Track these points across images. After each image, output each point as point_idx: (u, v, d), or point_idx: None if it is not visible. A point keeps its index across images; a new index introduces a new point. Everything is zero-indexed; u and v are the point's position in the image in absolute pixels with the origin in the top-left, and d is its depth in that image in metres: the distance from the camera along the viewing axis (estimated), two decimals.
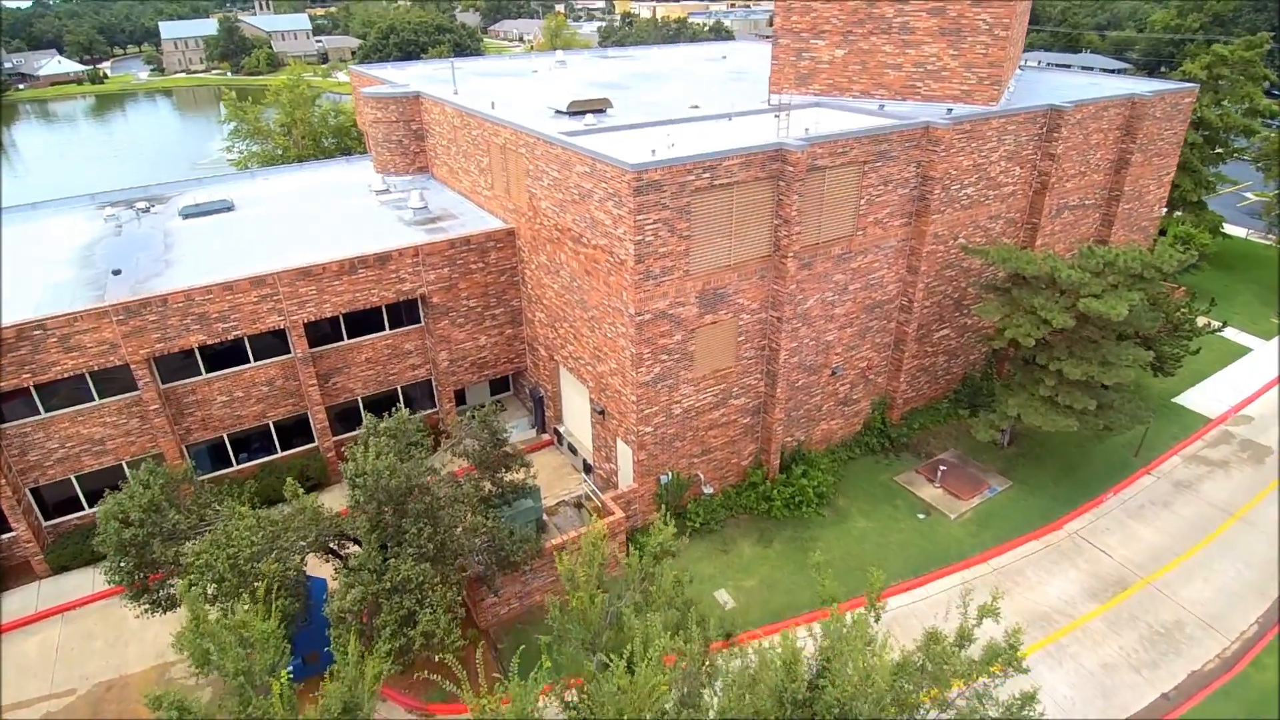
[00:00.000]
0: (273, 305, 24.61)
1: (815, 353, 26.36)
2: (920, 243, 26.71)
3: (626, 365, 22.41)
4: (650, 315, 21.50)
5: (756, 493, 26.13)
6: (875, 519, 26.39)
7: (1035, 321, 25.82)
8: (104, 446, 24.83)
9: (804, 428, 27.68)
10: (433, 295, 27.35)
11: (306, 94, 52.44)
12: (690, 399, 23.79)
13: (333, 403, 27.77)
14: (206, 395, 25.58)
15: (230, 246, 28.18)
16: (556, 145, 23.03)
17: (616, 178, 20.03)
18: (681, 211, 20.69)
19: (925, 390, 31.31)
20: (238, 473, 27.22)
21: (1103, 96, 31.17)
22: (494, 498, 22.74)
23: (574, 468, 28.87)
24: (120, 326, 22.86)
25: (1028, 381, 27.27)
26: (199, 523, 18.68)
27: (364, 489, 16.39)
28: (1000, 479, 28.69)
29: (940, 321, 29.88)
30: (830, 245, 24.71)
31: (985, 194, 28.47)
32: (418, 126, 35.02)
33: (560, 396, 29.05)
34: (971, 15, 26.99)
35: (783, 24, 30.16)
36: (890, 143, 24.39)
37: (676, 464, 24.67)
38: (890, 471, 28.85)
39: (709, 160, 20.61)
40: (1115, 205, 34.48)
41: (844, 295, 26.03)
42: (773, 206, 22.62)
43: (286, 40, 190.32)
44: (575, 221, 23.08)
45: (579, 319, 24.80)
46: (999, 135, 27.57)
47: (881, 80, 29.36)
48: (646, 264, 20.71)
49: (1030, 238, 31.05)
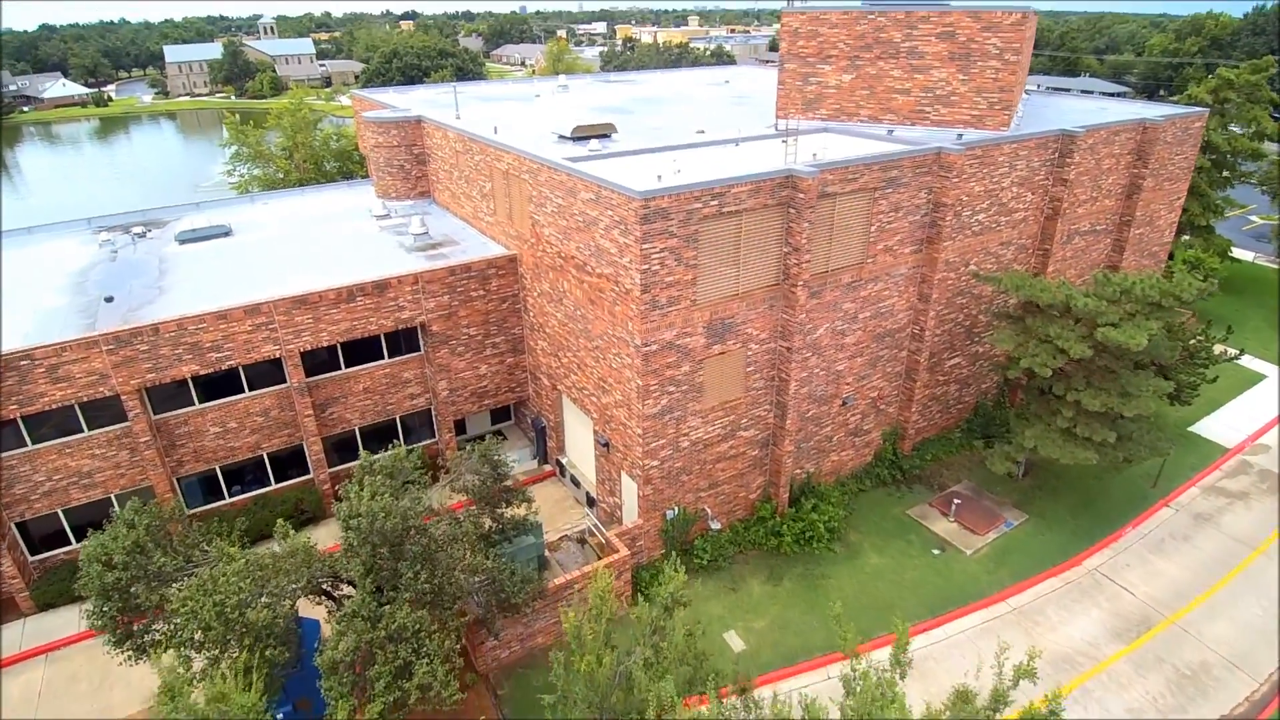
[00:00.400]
0: (268, 334, 23.96)
1: (825, 383, 25.66)
2: (932, 270, 26.10)
3: (632, 397, 21.70)
4: (657, 346, 20.83)
5: (765, 528, 25.30)
6: (889, 555, 25.53)
7: (1051, 351, 25.16)
8: (92, 479, 24.06)
9: (814, 459, 26.91)
10: (432, 323, 26.70)
11: (308, 118, 52.21)
12: (698, 431, 23.06)
13: (329, 433, 27.02)
14: (199, 426, 24.84)
15: (226, 273, 27.59)
16: (561, 171, 22.49)
17: (623, 205, 19.45)
18: (689, 240, 20.09)
19: (937, 420, 30.57)
20: (230, 505, 26.43)
21: (1114, 121, 30.74)
22: (494, 533, 21.98)
23: (577, 500, 28.05)
24: (110, 356, 22.18)
25: (1044, 412, 26.55)
26: (186, 564, 17.87)
27: (357, 531, 15.61)
28: (1016, 512, 27.86)
29: (951, 350, 29.21)
30: (840, 273, 24.10)
31: (997, 220, 27.93)
32: (419, 151, 34.59)
33: (563, 427, 28.30)
34: (981, 40, 26.59)
35: (789, 49, 29.79)
36: (901, 169, 23.86)
37: (683, 498, 23.88)
38: (903, 504, 28.02)
39: (717, 187, 20.05)
40: (1127, 231, 33.96)
41: (854, 324, 25.38)
42: (782, 234, 22.03)
43: (290, 64, 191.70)
44: (579, 249, 22.49)
45: (583, 349, 24.13)
46: (1011, 161, 27.08)
47: (890, 105, 28.93)
48: (653, 293, 20.07)
49: (1042, 264, 30.48)
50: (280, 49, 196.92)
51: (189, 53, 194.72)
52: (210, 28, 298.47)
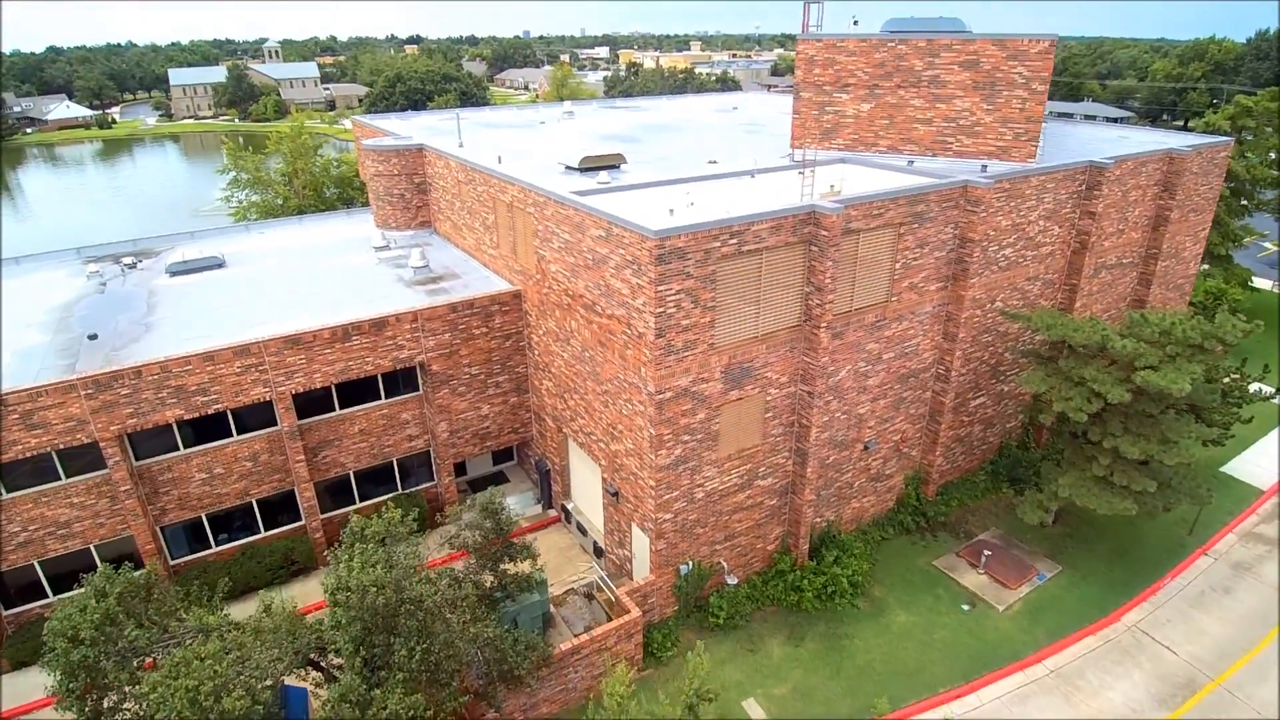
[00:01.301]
0: (257, 376, 22.63)
1: (847, 427, 24.27)
2: (958, 308, 24.81)
3: (644, 446, 20.31)
4: (671, 393, 19.48)
5: (785, 582, 23.79)
6: (916, 611, 23.98)
7: (1086, 394, 23.78)
8: (70, 530, 22.62)
9: (834, 507, 25.45)
10: (432, 362, 25.38)
11: (308, 144, 51.28)
12: (713, 482, 21.63)
13: (322, 478, 25.60)
14: (184, 472, 23.44)
15: (217, 308, 26.33)
16: (568, 205, 21.29)
17: (636, 244, 18.20)
18: (706, 281, 18.81)
19: (960, 462, 29.12)
20: (217, 555, 24.96)
21: (1141, 152, 29.60)
22: (496, 590, 20.53)
23: (583, 549, 26.55)
24: (89, 401, 20.84)
25: (1078, 459, 25.11)
26: (162, 635, 16.41)
27: (346, 607, 14.15)
28: (1048, 563, 26.33)
29: (976, 389, 27.84)
30: (863, 313, 22.80)
31: (1023, 255, 26.69)
32: (420, 180, 33.50)
33: (569, 470, 26.88)
34: (1007, 69, 25.51)
35: (804, 77, 28.73)
36: (928, 203, 22.65)
37: (697, 552, 22.40)
38: (928, 554, 26.50)
39: (736, 225, 18.80)
40: (1153, 264, 32.70)
41: (877, 365, 24.04)
42: (804, 273, 20.76)
43: (294, 88, 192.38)
44: (588, 288, 21.22)
45: (591, 392, 22.78)
46: (1038, 194, 25.89)
47: (910, 135, 27.80)
48: (668, 338, 18.75)
49: (1069, 299, 29.20)
50: (284, 73, 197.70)
51: (193, 76, 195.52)
52: (216, 51, 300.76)
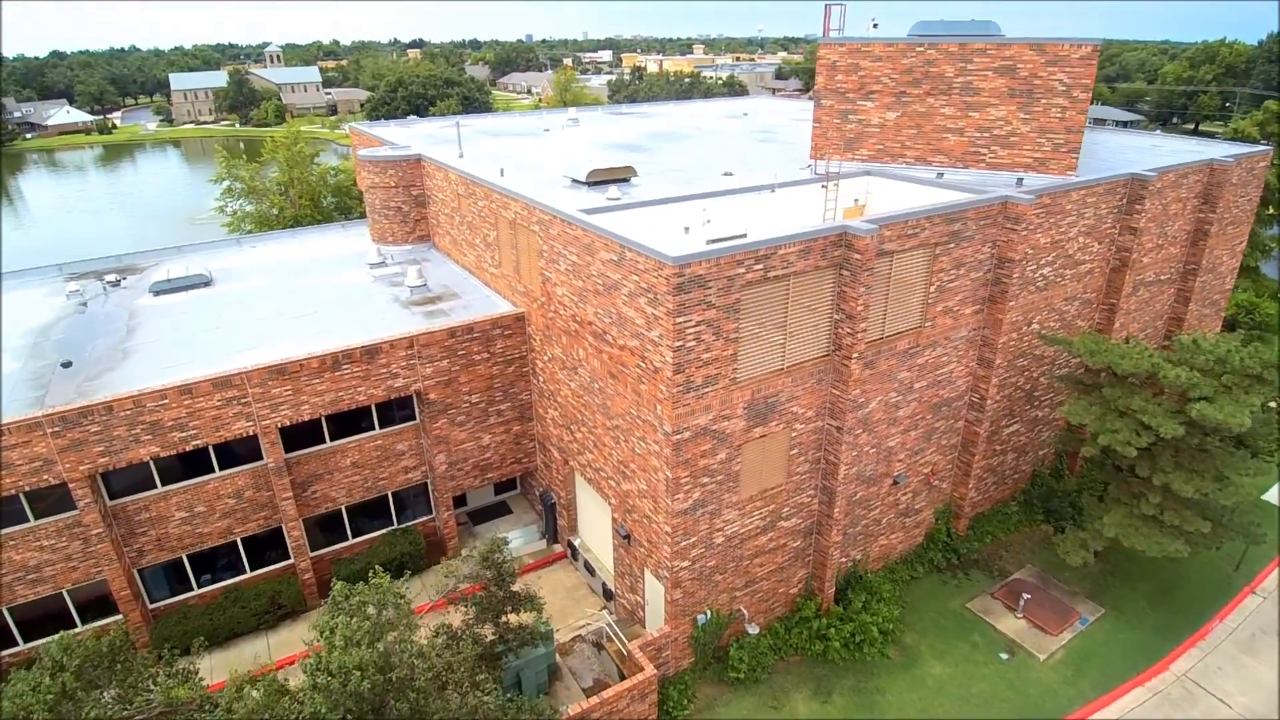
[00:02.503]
0: (240, 410, 20.94)
1: (875, 461, 22.53)
2: (995, 332, 23.07)
3: (660, 490, 18.58)
4: (690, 433, 17.75)
5: (809, 630, 22.03)
6: (951, 661, 22.21)
7: (1134, 427, 22.02)
8: (40, 574, 20.93)
9: (860, 545, 23.70)
10: (429, 391, 23.69)
11: (304, 152, 49.65)
12: (734, 525, 19.90)
13: (312, 514, 23.91)
14: (162, 512, 21.77)
15: (201, 331, 24.67)
16: (576, 225, 19.59)
17: (652, 271, 16.50)
18: (729, 310, 17.09)
19: (991, 492, 27.35)
20: (199, 598, 23.29)
21: (1182, 163, 27.88)
22: (497, 644, 18.81)
23: (591, 589, 24.81)
24: (56, 440, 19.17)
25: (1124, 495, 23.34)
26: (125, 708, 14.71)
27: (326, 694, 12.42)
28: (1090, 604, 24.54)
29: (1010, 416, 26.08)
30: (895, 340, 21.07)
31: (1062, 274, 24.95)
32: (419, 192, 31.84)
33: (575, 504, 25.17)
34: (1046, 75, 23.78)
35: (826, 84, 27.02)
36: (966, 221, 20.93)
37: (716, 600, 20.66)
38: (961, 595, 24.72)
39: (762, 249, 17.10)
40: (1192, 280, 30.95)
41: (909, 395, 22.30)
42: (834, 300, 19.04)
43: (296, 92, 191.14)
44: (598, 315, 19.51)
45: (600, 425, 21.07)
46: (1079, 209, 24.16)
47: (940, 146, 26.08)
48: (687, 373, 17.03)
49: (1107, 320, 27.44)
50: (285, 77, 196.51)
51: (194, 80, 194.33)
52: (218, 55, 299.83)
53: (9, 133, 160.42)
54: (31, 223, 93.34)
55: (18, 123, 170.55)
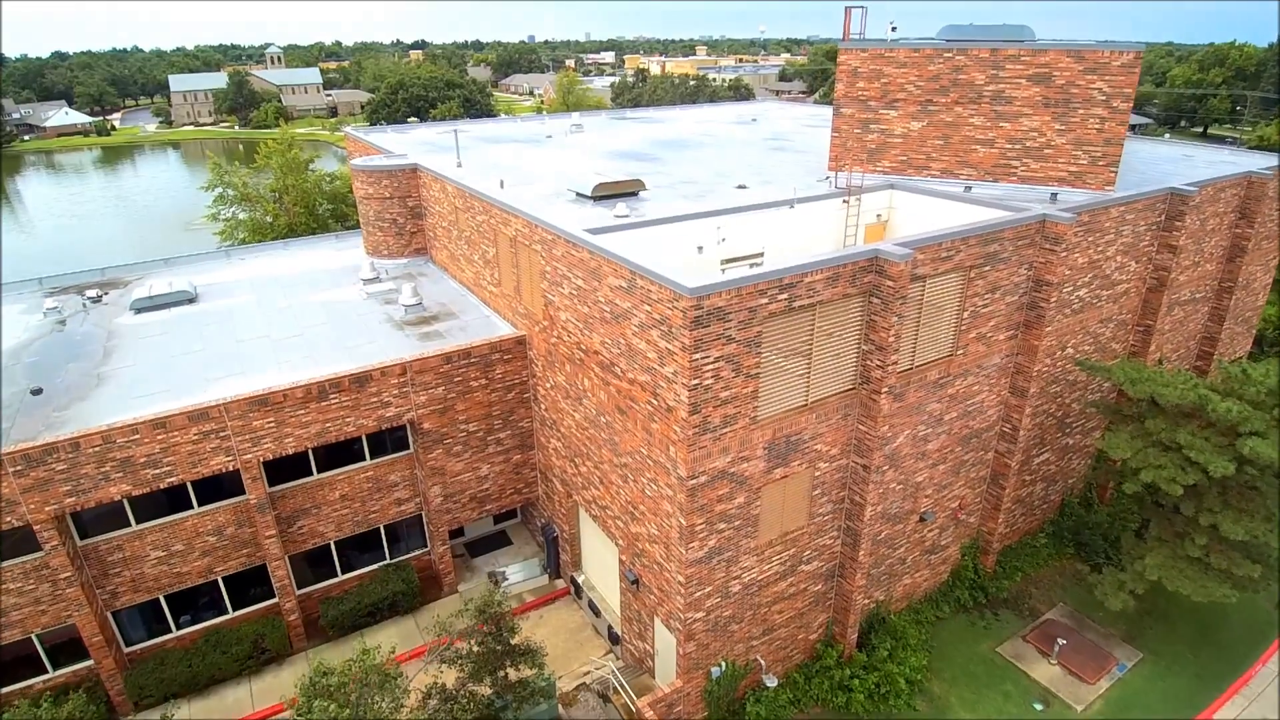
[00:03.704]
0: (219, 444, 19.44)
1: (902, 498, 21.01)
2: (1030, 360, 21.54)
3: (673, 537, 17.07)
4: (706, 477, 16.25)
5: (831, 680, 20.49)
6: (983, 712, 20.66)
7: (1179, 462, 20.49)
8: (7, 619, 19.45)
9: (884, 585, 22.18)
10: (423, 420, 22.19)
11: (298, 158, 48.17)
12: (752, 573, 18.38)
13: (299, 549, 22.43)
14: (137, 551, 20.28)
15: (180, 355, 23.17)
16: (582, 247, 18.09)
17: (667, 302, 15.00)
18: (750, 344, 15.59)
19: (1019, 524, 25.82)
20: (178, 640, 21.82)
21: (1220, 176, 26.37)
22: (495, 700, 17.35)
23: (596, 630, 23.29)
24: (19, 480, 17.68)
25: (1167, 535, 21.80)
26: None
27: None
28: (1128, 649, 23.00)
29: (1041, 445, 24.57)
30: (925, 370, 19.55)
31: (1098, 295, 23.45)
32: (415, 203, 30.36)
33: (579, 539, 23.66)
34: (1084, 84, 22.27)
35: (846, 91, 25.51)
36: (1002, 242, 19.41)
37: (731, 651, 19.14)
38: (990, 638, 23.19)
39: (787, 277, 15.59)
40: (1227, 298, 29.44)
41: (938, 428, 20.78)
42: (862, 329, 17.53)
43: (296, 94, 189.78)
44: (605, 345, 18.01)
45: (606, 462, 19.56)
46: (1118, 226, 22.65)
47: (968, 158, 24.56)
48: (704, 413, 15.53)
49: (1143, 342, 25.92)
50: (286, 78, 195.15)
51: (194, 82, 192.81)
52: (220, 56, 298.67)
53: (6, 135, 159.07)
54: (30, 226, 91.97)
55: (16, 124, 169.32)
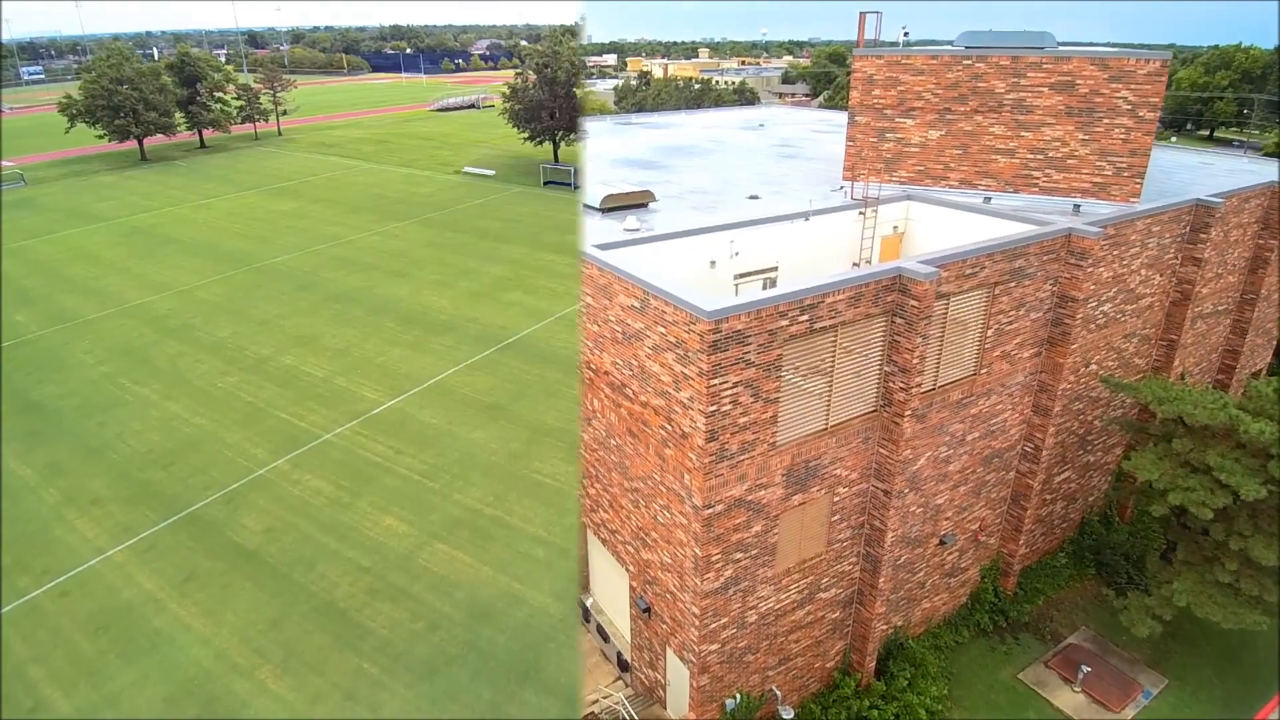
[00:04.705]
0: None
1: (922, 521, 20.31)
2: (1054, 377, 20.84)
3: (686, 567, 16.38)
4: (723, 506, 15.55)
5: (848, 710, 19.77)
6: None
7: (1210, 485, 19.78)
8: None
9: (903, 610, 21.47)
10: None
11: None
12: (769, 601, 17.68)
13: None
14: None
15: None
16: (591, 264, 17.41)
17: (683, 324, 14.31)
18: (770, 368, 14.90)
19: (1039, 544, 25.10)
20: None
21: (1244, 186, 25.70)
22: None
23: (605, 655, 22.58)
24: None
25: (1195, 559, 21.08)
26: None
27: None
28: (1153, 675, 22.27)
29: (1063, 463, 23.87)
30: (948, 390, 18.85)
31: (1122, 310, 22.76)
32: None
33: (588, 560, 22.97)
34: (1109, 92, 21.57)
35: (861, 99, 24.81)
36: (1028, 257, 18.72)
37: (747, 682, 18.43)
38: (1011, 664, 22.46)
39: (808, 297, 14.90)
40: (1249, 310, 28.74)
41: (960, 449, 20.07)
42: (884, 350, 16.84)
43: None
44: (616, 365, 17.32)
45: (616, 484, 18.88)
46: (1143, 239, 21.97)
47: (988, 168, 23.86)
48: (721, 440, 14.83)
49: (1166, 356, 25.24)
50: None
51: None
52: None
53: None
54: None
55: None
